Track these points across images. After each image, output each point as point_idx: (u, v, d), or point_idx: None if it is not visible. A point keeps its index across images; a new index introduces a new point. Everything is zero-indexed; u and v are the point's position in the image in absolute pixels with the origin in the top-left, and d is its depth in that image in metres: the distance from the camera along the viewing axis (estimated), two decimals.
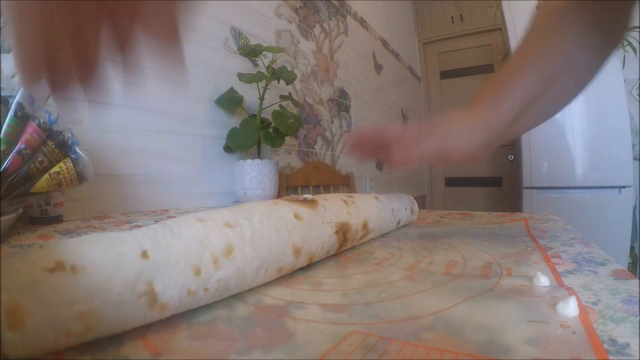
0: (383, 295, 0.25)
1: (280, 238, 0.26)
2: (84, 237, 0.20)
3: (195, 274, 0.20)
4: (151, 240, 0.20)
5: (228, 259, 0.21)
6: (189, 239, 0.21)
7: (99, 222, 0.71)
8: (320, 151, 1.71)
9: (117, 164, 0.92)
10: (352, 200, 0.39)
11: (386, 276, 0.29)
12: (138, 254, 0.19)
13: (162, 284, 0.19)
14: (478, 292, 0.26)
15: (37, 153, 0.64)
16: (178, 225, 0.22)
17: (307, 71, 1.64)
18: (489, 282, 0.28)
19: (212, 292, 0.21)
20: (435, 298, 0.24)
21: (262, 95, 1.11)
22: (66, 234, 0.58)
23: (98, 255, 0.18)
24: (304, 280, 0.29)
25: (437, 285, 0.27)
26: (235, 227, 0.23)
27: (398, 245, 0.42)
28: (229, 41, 1.22)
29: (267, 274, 0.25)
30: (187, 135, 1.08)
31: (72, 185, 0.68)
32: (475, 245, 0.43)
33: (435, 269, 0.32)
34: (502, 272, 0.31)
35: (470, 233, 0.53)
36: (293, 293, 0.25)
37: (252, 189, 1.06)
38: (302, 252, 0.28)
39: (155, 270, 0.19)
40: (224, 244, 0.22)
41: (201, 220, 0.22)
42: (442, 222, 0.67)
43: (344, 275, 0.30)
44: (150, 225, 0.21)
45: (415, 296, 0.25)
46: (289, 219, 0.28)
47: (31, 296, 0.16)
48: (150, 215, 0.85)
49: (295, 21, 1.59)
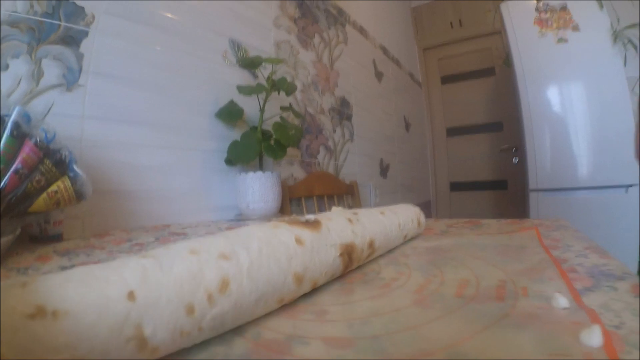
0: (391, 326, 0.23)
1: (280, 267, 0.24)
2: (69, 275, 0.18)
3: (188, 313, 0.18)
4: (139, 279, 0.18)
5: (224, 295, 0.20)
6: (181, 274, 0.19)
7: (99, 241, 0.70)
8: (323, 161, 1.69)
9: (117, 180, 0.91)
10: (357, 217, 0.37)
11: (394, 302, 0.28)
12: (124, 295, 0.17)
13: (152, 327, 0.17)
14: (494, 319, 0.24)
15: (34, 172, 0.63)
16: (169, 258, 0.20)
17: (307, 81, 1.64)
18: (504, 305, 0.26)
19: (207, 330, 0.20)
20: (447, 328, 0.23)
21: (262, 107, 1.10)
22: (65, 255, 0.57)
23: (82, 299, 0.17)
24: (307, 308, 0.27)
25: (449, 311, 0.25)
26: (232, 259, 0.21)
27: (406, 262, 0.41)
28: (228, 53, 1.21)
29: (267, 306, 0.24)
30: (187, 149, 1.07)
31: (70, 204, 0.67)
32: (486, 261, 0.41)
33: (446, 291, 0.30)
34: (518, 292, 0.29)
35: (480, 245, 0.51)
36: (295, 325, 0.24)
37: (254, 202, 1.04)
38: (304, 279, 0.26)
39: (143, 312, 0.17)
40: (219, 277, 0.20)
41: (194, 252, 0.21)
42: (450, 233, 0.65)
43: (349, 302, 0.28)
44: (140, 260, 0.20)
45: (426, 327, 0.23)
46: (290, 244, 0.26)
47: (11, 345, 0.15)
48: (151, 231, 0.83)
49: (295, 32, 1.59)
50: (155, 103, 1.00)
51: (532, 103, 2.20)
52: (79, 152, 0.84)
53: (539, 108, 2.19)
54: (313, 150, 1.62)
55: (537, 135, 2.18)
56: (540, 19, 2.19)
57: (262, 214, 1.06)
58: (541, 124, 2.18)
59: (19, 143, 0.62)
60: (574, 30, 2.08)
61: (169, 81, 1.04)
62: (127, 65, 0.94)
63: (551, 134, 2.15)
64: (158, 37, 1.02)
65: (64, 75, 0.83)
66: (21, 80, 0.77)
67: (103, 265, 0.19)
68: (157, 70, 1.01)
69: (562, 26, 2.11)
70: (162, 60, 1.03)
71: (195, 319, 0.19)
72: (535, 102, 2.19)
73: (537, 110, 2.19)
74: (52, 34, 0.82)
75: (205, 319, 0.19)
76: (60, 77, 0.82)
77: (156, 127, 1.00)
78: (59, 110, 0.81)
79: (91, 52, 0.88)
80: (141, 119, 0.96)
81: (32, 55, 0.78)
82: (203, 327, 0.19)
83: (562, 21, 2.12)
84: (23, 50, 0.77)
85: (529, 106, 2.20)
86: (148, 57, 0.99)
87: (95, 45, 0.89)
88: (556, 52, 2.12)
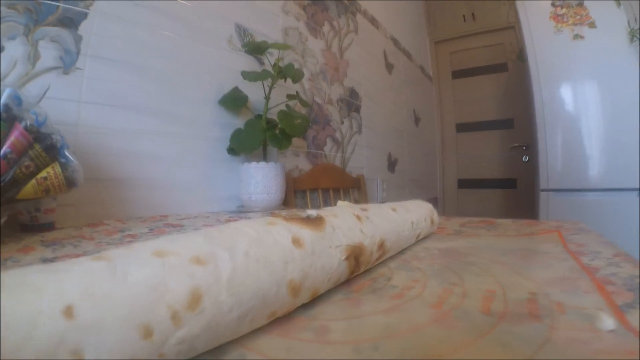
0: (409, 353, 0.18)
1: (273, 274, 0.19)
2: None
3: (144, 336, 0.14)
4: (82, 289, 0.14)
5: (194, 312, 0.15)
6: (137, 284, 0.14)
7: (91, 231, 0.66)
8: (330, 153, 1.64)
9: (114, 168, 0.87)
10: (366, 214, 0.32)
11: (410, 318, 0.23)
12: (59, 310, 0.13)
13: (94, 353, 0.13)
14: (534, 346, 0.19)
15: (23, 157, 0.59)
16: (127, 261, 0.15)
17: (315, 70, 1.58)
18: (542, 326, 0.22)
19: (172, 356, 0.15)
20: (480, 358, 0.18)
21: (268, 94, 1.06)
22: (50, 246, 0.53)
23: (8, 312, 0.13)
24: (305, 323, 0.23)
25: (477, 334, 0.21)
26: (208, 264, 0.17)
27: (419, 267, 0.36)
28: (233, 38, 1.17)
29: (254, 323, 0.19)
30: (188, 137, 1.03)
31: (61, 191, 0.63)
32: (510, 267, 0.36)
33: (470, 305, 0.25)
34: (553, 309, 0.25)
35: (500, 249, 0.46)
36: (289, 347, 0.19)
37: (257, 193, 1.00)
38: (302, 289, 0.21)
39: (83, 334, 0.13)
40: (188, 289, 0.15)
41: (160, 254, 0.16)
42: (465, 233, 0.60)
43: (355, 317, 0.23)
44: (89, 263, 0.15)
45: (452, 355, 0.18)
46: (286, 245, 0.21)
47: None
48: (148, 221, 0.80)
49: (303, 19, 1.53)
50: (156, 89, 0.96)
51: (545, 100, 2.14)
52: (75, 138, 0.80)
53: (552, 106, 2.13)
54: (320, 142, 1.57)
55: (549, 134, 2.13)
56: (556, 14, 2.12)
57: (264, 205, 1.01)
58: (554, 123, 2.12)
59: (9, 126, 0.59)
60: (590, 27, 2.02)
61: (171, 66, 0.99)
62: (127, 49, 0.90)
63: (563, 133, 2.10)
64: (160, 21, 0.97)
65: (61, 57, 0.79)
66: (17, 62, 0.73)
67: (44, 268, 0.15)
68: (158, 54, 0.96)
69: (579, 22, 2.04)
70: (164, 45, 0.98)
71: (153, 344, 0.14)
72: (549, 99, 2.13)
73: (550, 108, 2.13)
74: (50, 16, 0.78)
75: (167, 343, 0.14)
76: (57, 60, 0.79)
77: (157, 114, 0.95)
78: (55, 94, 0.77)
79: (90, 35, 0.84)
80: (141, 105, 0.92)
81: (28, 37, 0.75)
82: (165, 354, 0.14)
83: (578, 17, 2.06)
84: (19, 32, 0.74)
85: (542, 104, 2.14)
86: (149, 41, 0.95)
87: (94, 27, 0.85)
88: (572, 49, 2.06)
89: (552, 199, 2.12)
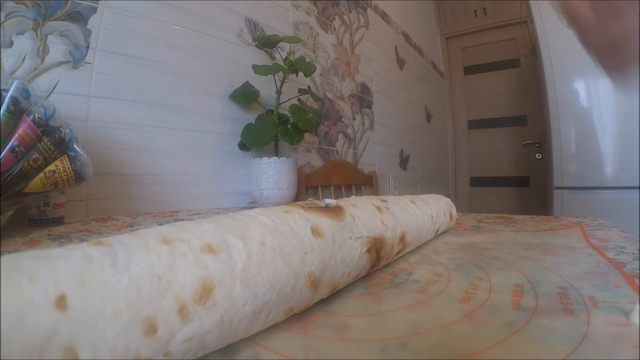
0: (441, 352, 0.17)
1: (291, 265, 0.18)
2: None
3: (147, 332, 0.12)
4: (77, 277, 0.12)
5: (205, 306, 0.13)
6: (140, 275, 0.13)
7: (99, 225, 0.66)
8: (342, 149, 1.62)
9: (125, 163, 0.86)
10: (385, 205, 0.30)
11: (438, 314, 0.21)
12: (51, 300, 0.11)
13: (91, 349, 0.11)
14: (572, 341, 0.17)
15: (31, 150, 0.58)
16: (130, 248, 0.14)
17: (327, 65, 1.56)
18: (576, 320, 0.20)
19: (179, 355, 0.13)
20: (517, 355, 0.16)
21: (279, 89, 1.04)
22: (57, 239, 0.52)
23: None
24: (323, 319, 0.21)
25: (510, 330, 0.19)
26: (221, 253, 0.15)
27: (440, 261, 0.34)
28: (243, 33, 1.15)
29: (270, 319, 0.17)
30: (199, 131, 1.02)
31: (69, 185, 0.62)
32: (535, 261, 0.35)
33: (499, 300, 0.24)
34: (586, 303, 0.23)
35: (521, 243, 0.44)
36: (307, 345, 0.17)
37: (268, 189, 0.99)
38: (321, 283, 0.20)
39: (78, 328, 0.11)
40: (198, 281, 0.14)
41: (168, 241, 0.14)
42: (483, 229, 0.58)
43: (378, 312, 0.21)
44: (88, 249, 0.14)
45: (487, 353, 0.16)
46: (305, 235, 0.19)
47: None
48: (158, 217, 0.79)
49: (314, 13, 1.51)
50: (166, 83, 0.95)
51: (559, 97, 2.08)
52: (84, 132, 0.80)
53: (566, 102, 2.07)
54: (332, 138, 1.55)
55: (563, 131, 2.07)
56: None
57: (276, 201, 1.00)
58: (567, 119, 2.07)
59: (17, 119, 0.58)
60: None
61: (181, 61, 0.98)
62: (136, 43, 0.89)
63: (577, 130, 2.04)
64: (170, 14, 0.96)
65: (71, 52, 0.79)
66: (25, 57, 0.73)
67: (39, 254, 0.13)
68: (168, 49, 0.95)
69: None
70: (174, 39, 0.97)
71: (158, 340, 0.12)
72: (563, 95, 2.07)
73: (564, 105, 2.07)
74: (59, 10, 0.77)
75: (174, 340, 0.13)
76: (66, 54, 0.78)
77: (167, 108, 0.94)
78: (64, 89, 0.77)
79: (99, 29, 0.83)
80: (151, 99, 0.91)
81: (37, 32, 0.74)
82: (171, 352, 0.13)
83: None
84: (28, 27, 0.73)
85: (556, 100, 2.09)
86: (159, 34, 0.94)
87: (104, 22, 0.84)
88: None
89: (566, 197, 2.07)
